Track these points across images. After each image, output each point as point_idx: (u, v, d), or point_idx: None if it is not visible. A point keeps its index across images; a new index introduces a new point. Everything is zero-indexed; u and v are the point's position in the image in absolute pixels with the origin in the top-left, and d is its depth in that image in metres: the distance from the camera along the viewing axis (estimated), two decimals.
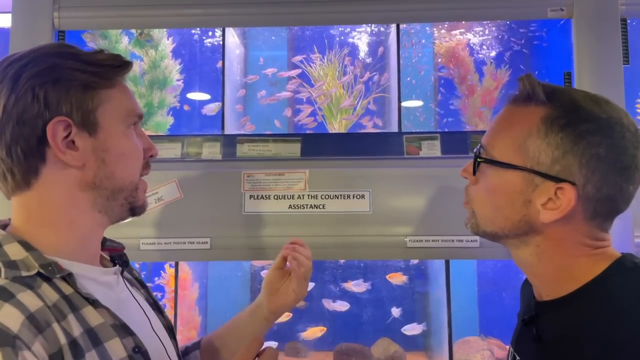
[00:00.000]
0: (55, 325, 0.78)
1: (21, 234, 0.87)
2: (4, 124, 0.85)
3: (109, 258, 1.04)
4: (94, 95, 0.89)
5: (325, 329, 2.23)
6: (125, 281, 1.02)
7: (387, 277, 2.26)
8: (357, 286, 2.27)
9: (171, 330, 1.10)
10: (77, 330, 0.81)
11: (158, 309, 1.10)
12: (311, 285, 2.27)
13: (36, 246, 0.85)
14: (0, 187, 0.90)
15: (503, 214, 0.94)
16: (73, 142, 0.87)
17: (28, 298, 0.77)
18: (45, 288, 0.82)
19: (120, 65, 0.93)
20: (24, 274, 0.81)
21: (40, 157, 0.86)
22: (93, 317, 0.85)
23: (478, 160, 0.96)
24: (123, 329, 0.88)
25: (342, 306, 2.28)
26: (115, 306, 0.90)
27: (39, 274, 0.82)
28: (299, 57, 2.28)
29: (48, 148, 0.86)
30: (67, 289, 0.84)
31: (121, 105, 0.94)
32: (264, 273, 2.33)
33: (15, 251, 0.83)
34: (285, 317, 2.23)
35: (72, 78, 0.87)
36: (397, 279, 2.25)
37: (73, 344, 0.79)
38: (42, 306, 0.78)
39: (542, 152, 0.88)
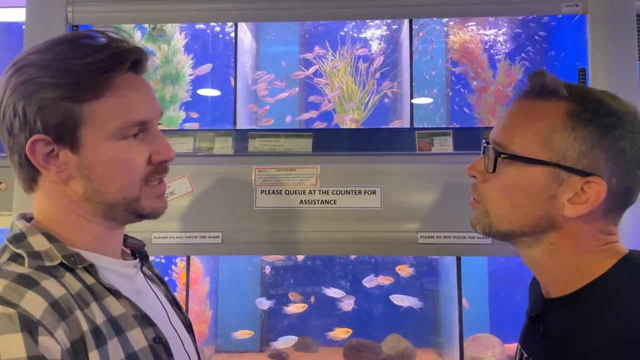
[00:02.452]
0: (78, 313, 0.79)
1: (44, 227, 0.88)
2: (1, 133, 0.87)
3: (129, 252, 1.04)
4: (73, 110, 0.83)
5: (351, 331, 2.23)
6: (145, 276, 1.03)
7: (396, 269, 2.26)
8: (369, 282, 2.27)
9: (190, 328, 1.10)
10: (100, 319, 0.82)
11: (177, 306, 1.10)
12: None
13: (59, 239, 0.87)
14: None
15: (523, 211, 0.92)
16: (58, 155, 0.85)
17: (52, 285, 0.79)
18: (68, 278, 0.83)
19: (113, 69, 0.84)
20: (47, 264, 0.82)
21: (35, 168, 0.86)
22: (115, 306, 0.86)
23: (502, 156, 0.93)
24: (144, 320, 0.89)
25: (347, 305, 2.29)
26: (135, 297, 0.91)
27: (62, 264, 0.83)
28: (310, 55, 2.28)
29: None
30: (89, 279, 0.85)
31: (113, 116, 0.85)
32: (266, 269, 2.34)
33: (39, 242, 0.85)
34: (302, 307, 2.25)
35: (46, 94, 0.82)
36: (405, 271, 2.25)
37: (96, 331, 0.80)
38: (66, 294, 0.79)
39: (569, 147, 0.87)
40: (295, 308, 2.28)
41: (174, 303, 1.09)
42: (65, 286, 0.81)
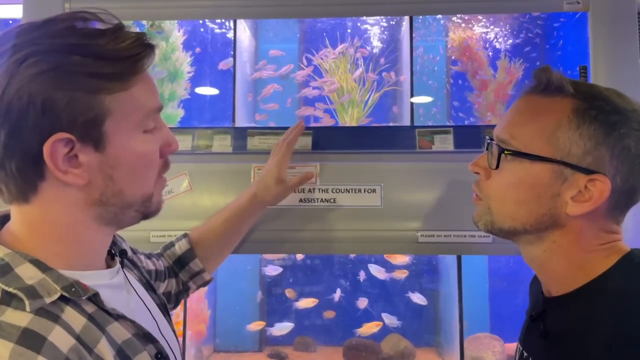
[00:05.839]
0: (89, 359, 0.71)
1: (27, 248, 0.76)
2: None
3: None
4: (103, 102, 0.74)
5: (381, 323, 2.22)
6: (125, 272, 0.94)
7: (385, 256, 2.25)
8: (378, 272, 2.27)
9: (165, 308, 1.02)
10: (109, 355, 0.74)
11: (151, 289, 1.02)
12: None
13: (44, 260, 0.74)
14: None
15: (527, 208, 0.92)
16: (77, 156, 0.74)
17: (59, 338, 0.68)
18: (68, 313, 0.72)
19: (144, 55, 0.78)
20: (47, 300, 0.70)
21: (39, 174, 0.74)
22: (120, 333, 0.78)
23: (506, 152, 0.93)
24: (145, 338, 0.83)
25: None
26: (128, 309, 0.84)
27: (61, 297, 0.72)
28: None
29: (46, 166, 0.73)
30: (90, 307, 0.76)
31: (138, 107, 0.79)
32: (268, 269, 2.34)
33: (29, 273, 0.72)
34: (312, 302, 2.24)
35: (78, 84, 0.71)
36: (400, 259, 2.25)
37: None
38: (75, 344, 0.69)
39: (574, 144, 0.87)
40: (305, 303, 2.28)
41: (148, 286, 1.01)
42: (70, 330, 0.71)
